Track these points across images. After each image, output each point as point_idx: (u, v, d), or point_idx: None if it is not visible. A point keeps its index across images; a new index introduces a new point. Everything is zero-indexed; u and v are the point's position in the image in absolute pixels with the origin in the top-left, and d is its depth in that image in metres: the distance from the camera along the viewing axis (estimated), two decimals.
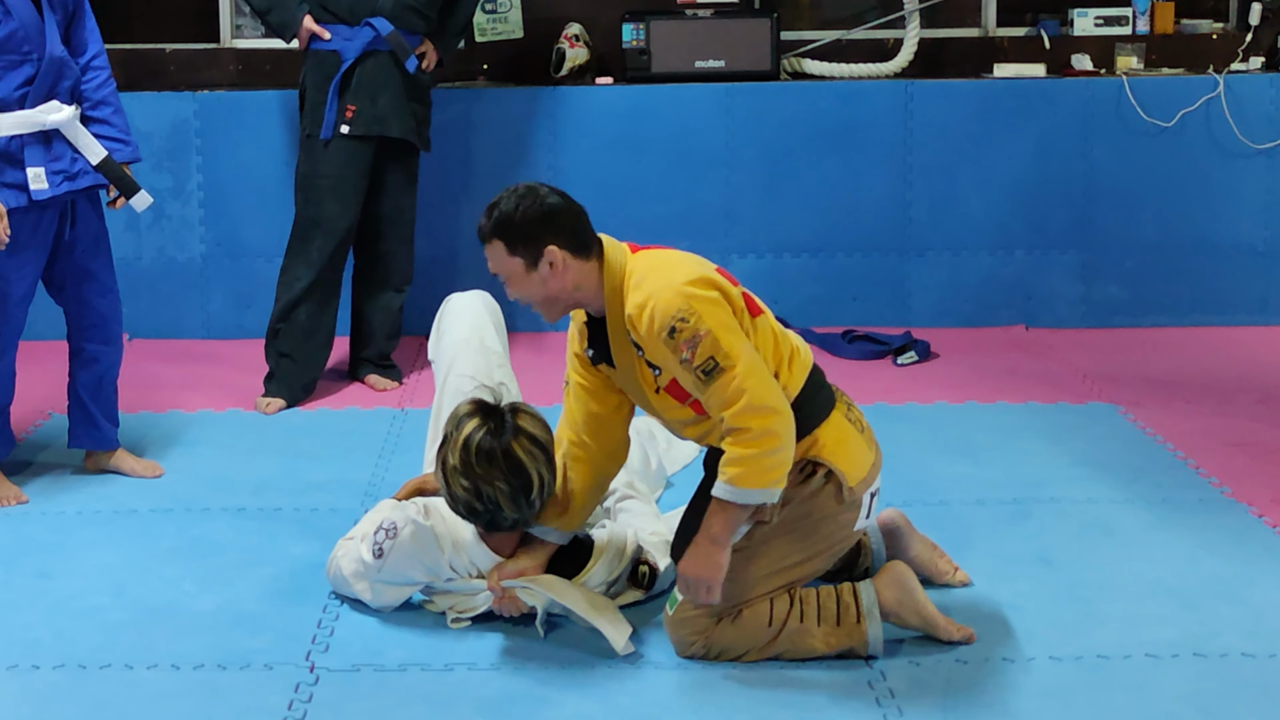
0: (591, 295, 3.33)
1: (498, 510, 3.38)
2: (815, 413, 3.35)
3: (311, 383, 5.37)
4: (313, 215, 5.29)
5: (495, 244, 3.30)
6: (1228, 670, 3.31)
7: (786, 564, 3.35)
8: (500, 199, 3.32)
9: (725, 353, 3.16)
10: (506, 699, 3.22)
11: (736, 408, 3.17)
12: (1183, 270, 6.21)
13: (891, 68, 6.27)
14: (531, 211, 3.28)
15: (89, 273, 4.40)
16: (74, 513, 4.27)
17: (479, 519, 3.43)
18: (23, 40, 4.13)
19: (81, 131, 4.26)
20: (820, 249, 6.18)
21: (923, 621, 3.41)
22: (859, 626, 3.34)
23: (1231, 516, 4.18)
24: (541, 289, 3.31)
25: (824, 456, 3.34)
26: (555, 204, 3.30)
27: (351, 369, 5.61)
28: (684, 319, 3.16)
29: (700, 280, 3.22)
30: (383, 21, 5.21)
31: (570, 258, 3.29)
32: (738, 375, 3.16)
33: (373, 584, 3.56)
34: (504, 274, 3.34)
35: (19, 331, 4.35)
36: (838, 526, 3.38)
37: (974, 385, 5.43)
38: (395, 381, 5.51)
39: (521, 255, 3.29)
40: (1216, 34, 6.44)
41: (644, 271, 3.27)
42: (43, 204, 4.21)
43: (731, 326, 3.20)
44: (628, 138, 6.09)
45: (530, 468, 3.38)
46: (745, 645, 3.34)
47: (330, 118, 5.22)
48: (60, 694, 3.25)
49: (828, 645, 3.34)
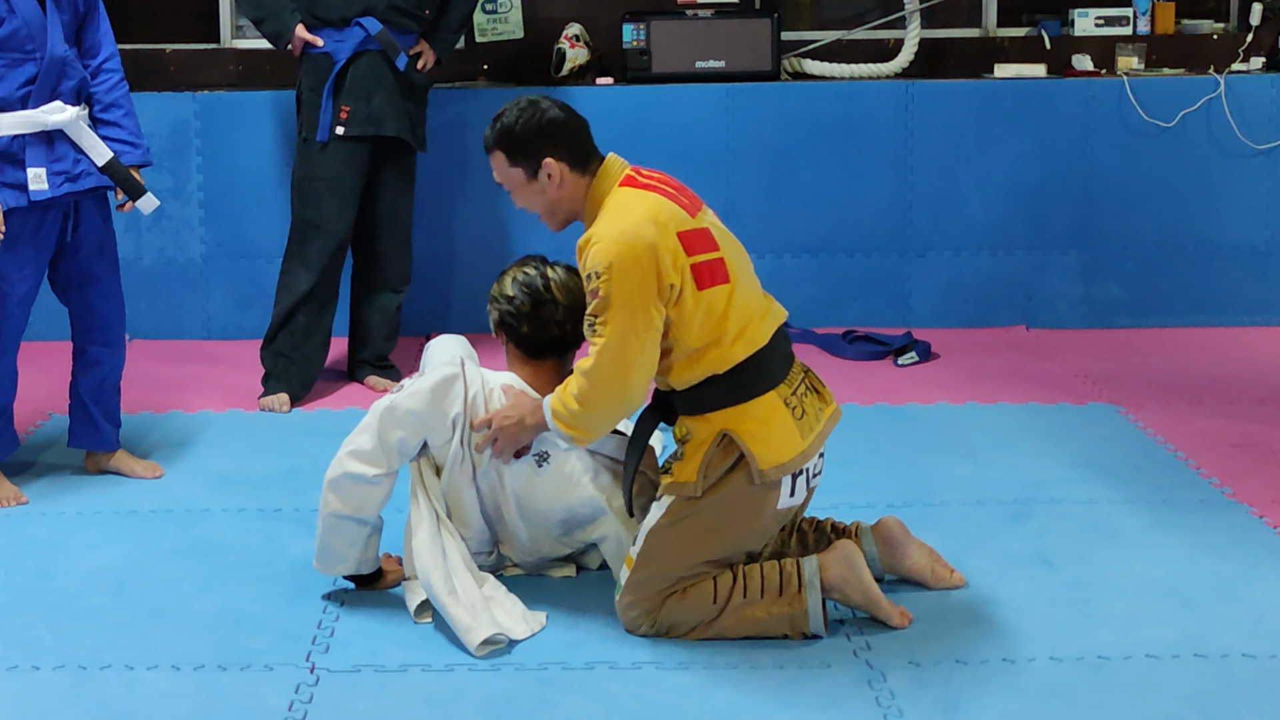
0: (581, 211, 3.53)
1: (551, 306, 3.58)
2: (745, 386, 3.41)
3: (310, 381, 5.37)
4: (310, 218, 5.29)
5: (497, 154, 3.50)
6: (1228, 671, 3.31)
7: (712, 541, 3.43)
8: (504, 111, 3.50)
9: (607, 320, 3.33)
10: (507, 699, 3.21)
11: (586, 363, 3.38)
12: (1183, 271, 6.21)
13: (892, 68, 6.27)
14: (532, 124, 3.46)
15: (93, 275, 4.39)
16: (74, 513, 4.27)
17: (525, 320, 3.60)
18: (25, 39, 4.12)
19: (86, 132, 4.25)
20: (821, 249, 6.18)
21: (866, 600, 3.46)
22: (799, 596, 3.40)
23: (1232, 517, 4.18)
24: (542, 198, 3.51)
25: (739, 435, 3.40)
26: (556, 117, 3.47)
27: (350, 370, 5.61)
28: (599, 273, 3.34)
29: (642, 248, 3.33)
30: (372, 21, 5.22)
31: (568, 171, 3.48)
32: (603, 344, 3.34)
33: (376, 424, 3.55)
34: (506, 183, 3.54)
35: (20, 332, 4.35)
36: (755, 504, 3.43)
37: (975, 386, 5.43)
38: (394, 382, 5.49)
39: (521, 166, 3.48)
40: (1217, 34, 6.44)
41: (612, 211, 3.43)
42: (44, 205, 4.21)
43: (630, 305, 3.31)
44: (628, 138, 6.07)
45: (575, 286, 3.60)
46: (691, 621, 3.42)
47: (325, 119, 5.22)
48: (60, 695, 3.25)
49: (768, 613, 3.40)
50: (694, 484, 3.41)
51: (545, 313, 3.62)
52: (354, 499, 3.57)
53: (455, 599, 3.46)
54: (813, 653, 3.40)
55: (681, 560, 3.43)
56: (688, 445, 3.46)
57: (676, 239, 3.39)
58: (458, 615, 3.43)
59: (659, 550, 3.43)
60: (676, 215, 3.44)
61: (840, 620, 3.54)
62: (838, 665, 3.34)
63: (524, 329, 3.63)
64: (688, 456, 3.45)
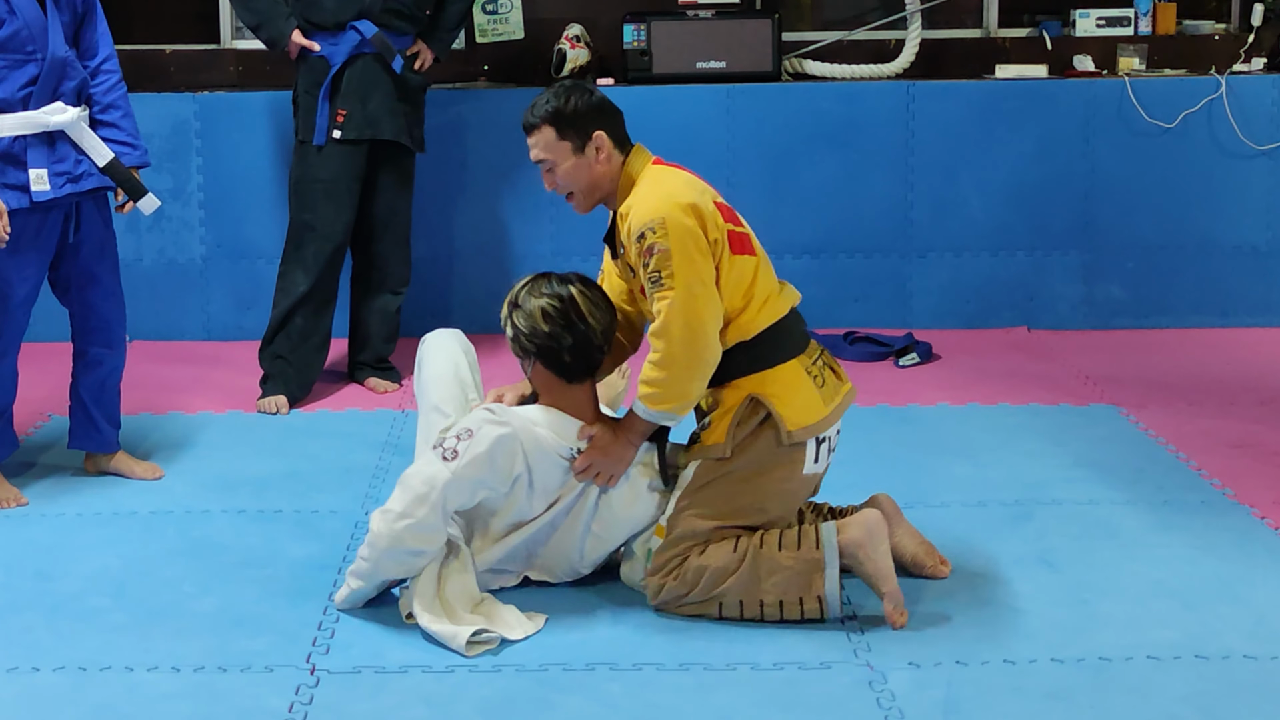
0: (613, 191, 3.65)
1: (588, 330, 3.55)
2: (769, 354, 3.57)
3: (308, 383, 5.37)
4: (308, 220, 5.29)
5: (545, 129, 3.61)
6: (1229, 672, 3.30)
7: (740, 500, 3.55)
8: (546, 95, 3.62)
9: (672, 272, 3.45)
10: (507, 700, 3.21)
11: (656, 324, 3.48)
12: (1184, 271, 6.20)
13: (893, 68, 6.27)
14: (583, 101, 3.61)
15: (94, 276, 4.39)
16: (74, 514, 4.27)
17: (566, 351, 3.57)
18: (26, 40, 4.12)
19: (87, 133, 4.25)
20: (821, 250, 6.18)
21: (875, 571, 3.51)
22: (816, 551, 3.49)
23: (1233, 518, 4.18)
24: (587, 173, 3.62)
25: (767, 397, 3.55)
26: (602, 98, 3.65)
27: (350, 371, 5.61)
28: (653, 229, 3.47)
29: (686, 206, 3.49)
30: (367, 24, 5.21)
31: (612, 147, 3.62)
32: (673, 295, 3.45)
33: (439, 500, 3.46)
34: (550, 158, 3.62)
35: (21, 333, 4.35)
36: (783, 468, 3.57)
37: (976, 387, 5.42)
38: (395, 384, 5.50)
39: (571, 139, 3.60)
40: (1218, 35, 6.44)
41: (650, 181, 3.59)
42: (46, 206, 4.20)
43: (690, 254, 3.46)
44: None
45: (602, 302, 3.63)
46: (713, 574, 3.49)
47: (322, 123, 5.22)
48: (60, 696, 3.24)
49: (789, 559, 3.48)
50: (723, 445, 3.55)
51: (584, 338, 3.59)
52: (411, 567, 3.54)
53: (439, 620, 3.46)
54: (813, 653, 3.40)
55: (711, 521, 3.54)
56: (714, 414, 3.60)
57: (714, 204, 3.58)
58: (440, 629, 3.43)
59: (694, 505, 3.55)
60: (709, 189, 3.64)
61: (843, 619, 3.54)
62: (838, 666, 3.34)
63: (566, 359, 3.59)
64: (715, 423, 3.59)
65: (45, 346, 5.46)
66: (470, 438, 3.51)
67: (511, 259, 6.09)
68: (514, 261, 6.07)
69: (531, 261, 6.04)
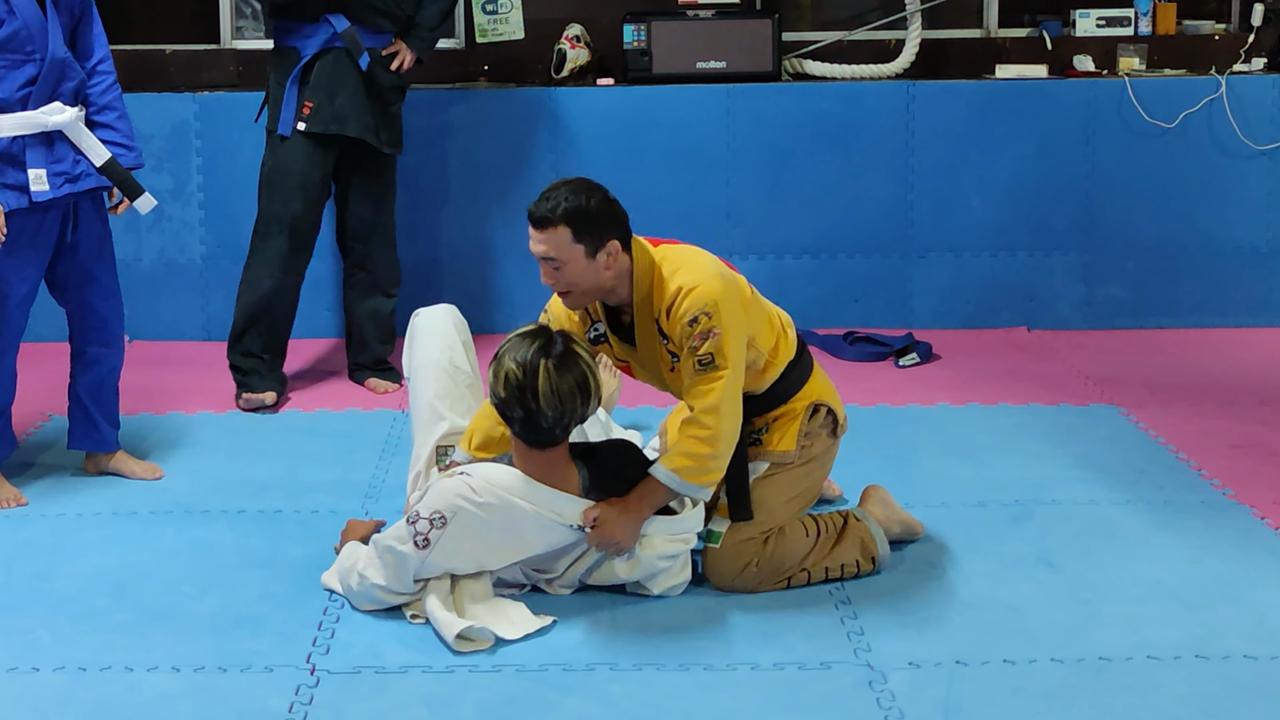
0: (624, 286, 3.63)
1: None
2: (807, 364, 3.86)
3: (283, 377, 5.35)
4: (274, 211, 5.25)
5: (561, 230, 3.53)
6: (1230, 672, 3.30)
7: (800, 489, 3.80)
8: (561, 190, 3.56)
9: (725, 355, 3.55)
10: (507, 700, 3.21)
11: (707, 402, 3.55)
12: (1185, 272, 6.20)
13: (893, 68, 6.27)
14: (602, 205, 3.58)
15: (91, 275, 4.39)
16: (74, 515, 4.27)
17: (515, 421, 3.50)
18: (26, 40, 4.12)
19: (85, 133, 4.25)
20: (822, 250, 6.18)
21: (904, 528, 3.95)
22: (859, 524, 3.83)
23: (1233, 518, 4.18)
24: (594, 277, 3.58)
25: (825, 399, 3.83)
26: (614, 200, 3.62)
27: (351, 373, 5.59)
28: (708, 313, 3.53)
29: (730, 281, 3.59)
30: (340, 18, 5.16)
31: (621, 251, 3.60)
32: (723, 379, 3.54)
33: (408, 575, 3.51)
34: (560, 258, 3.55)
35: (20, 333, 4.35)
36: (831, 456, 3.90)
37: (976, 387, 5.42)
38: (395, 384, 5.49)
39: (585, 244, 3.55)
40: (1219, 35, 6.44)
41: (675, 264, 3.61)
42: (44, 206, 4.20)
43: (740, 332, 3.57)
44: (629, 139, 6.08)
45: (588, 363, 3.55)
46: (793, 557, 3.72)
47: (288, 114, 5.18)
48: (60, 696, 3.24)
49: (846, 540, 3.78)
50: (794, 452, 3.77)
51: (532, 419, 3.48)
52: (387, 603, 3.60)
53: (443, 609, 3.48)
54: (813, 653, 3.40)
55: (781, 506, 3.74)
56: (778, 422, 3.79)
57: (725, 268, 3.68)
58: (441, 617, 3.44)
59: (759, 500, 3.71)
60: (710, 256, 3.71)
61: (843, 614, 3.54)
62: (838, 666, 3.34)
63: (516, 429, 3.54)
64: (779, 429, 3.78)
65: (45, 346, 5.46)
66: (444, 526, 3.45)
67: (512, 259, 6.09)
68: (514, 261, 6.07)
69: (532, 261, 6.00)
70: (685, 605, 3.65)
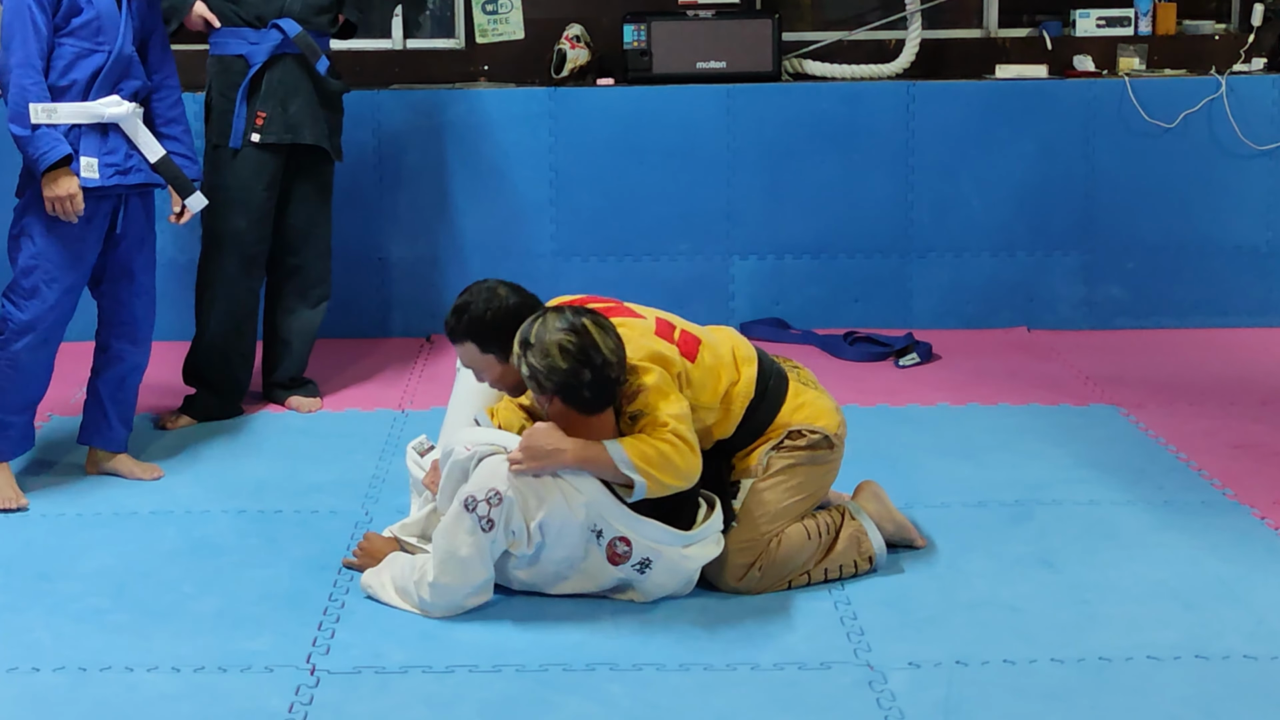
0: None
1: (604, 363, 3.48)
2: (778, 397, 3.83)
3: (238, 404, 5.17)
4: (222, 230, 5.04)
5: (468, 345, 3.70)
6: (1230, 672, 3.30)
7: (799, 496, 3.80)
8: (467, 302, 3.69)
9: (656, 408, 3.54)
10: (507, 700, 3.21)
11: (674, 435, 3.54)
12: (1185, 272, 6.20)
13: (893, 69, 6.27)
14: (501, 314, 3.66)
15: (129, 271, 4.46)
16: (74, 515, 4.27)
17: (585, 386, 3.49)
18: (98, 30, 4.24)
19: (141, 129, 4.35)
20: (822, 250, 6.17)
21: (897, 528, 3.94)
22: (853, 521, 3.85)
23: (1233, 518, 4.18)
24: (515, 377, 3.65)
25: (808, 423, 3.82)
26: (516, 304, 3.68)
27: (266, 392, 5.32)
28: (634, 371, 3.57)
29: (650, 356, 3.59)
30: (290, 23, 4.95)
31: None
32: (667, 426, 3.53)
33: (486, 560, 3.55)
34: (478, 367, 3.73)
35: (62, 324, 4.35)
36: (832, 465, 3.91)
37: (976, 387, 5.42)
38: (317, 398, 5.29)
39: (495, 352, 3.68)
40: (1219, 35, 6.44)
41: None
42: (97, 196, 4.28)
43: (669, 389, 3.57)
44: (629, 139, 6.08)
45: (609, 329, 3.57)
46: (794, 560, 3.74)
47: (239, 125, 4.98)
48: (60, 696, 3.24)
49: (842, 541, 3.80)
50: (755, 466, 3.78)
51: (601, 371, 3.50)
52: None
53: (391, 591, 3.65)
54: (813, 653, 3.40)
55: (780, 511, 3.75)
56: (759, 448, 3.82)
57: (655, 339, 3.67)
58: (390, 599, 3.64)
59: (758, 504, 3.74)
60: (640, 325, 3.69)
61: (841, 612, 3.54)
62: (838, 666, 3.34)
63: (586, 394, 3.52)
64: (750, 451, 3.81)
65: None
66: (500, 503, 3.50)
67: (511, 258, 6.08)
68: (515, 260, 6.06)
69: (533, 260, 6.04)
70: (685, 605, 3.65)
